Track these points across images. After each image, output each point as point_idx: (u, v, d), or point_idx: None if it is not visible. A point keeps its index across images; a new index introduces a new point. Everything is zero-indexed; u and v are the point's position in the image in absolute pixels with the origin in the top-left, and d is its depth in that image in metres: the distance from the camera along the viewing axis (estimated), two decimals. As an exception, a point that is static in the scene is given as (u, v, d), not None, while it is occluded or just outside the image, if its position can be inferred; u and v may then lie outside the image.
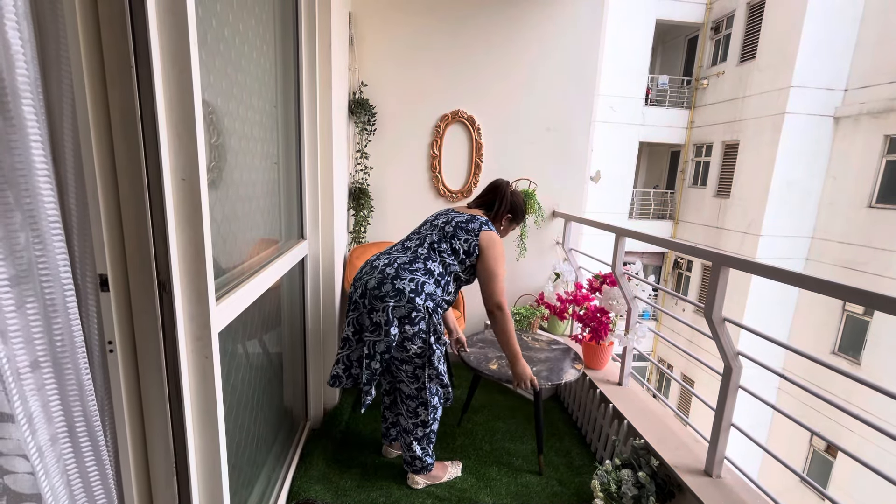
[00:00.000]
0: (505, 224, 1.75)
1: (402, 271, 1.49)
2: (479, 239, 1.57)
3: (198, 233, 0.81)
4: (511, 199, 1.71)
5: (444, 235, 1.59)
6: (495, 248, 1.58)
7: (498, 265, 1.57)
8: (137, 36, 0.68)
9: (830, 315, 7.32)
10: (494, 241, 1.58)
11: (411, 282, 1.47)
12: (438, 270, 1.55)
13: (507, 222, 1.75)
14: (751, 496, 1.40)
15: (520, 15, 2.56)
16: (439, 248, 1.58)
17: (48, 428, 0.57)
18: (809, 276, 1.15)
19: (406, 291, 1.45)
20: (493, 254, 1.57)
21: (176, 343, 0.79)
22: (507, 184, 1.73)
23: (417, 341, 1.49)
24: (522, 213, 1.77)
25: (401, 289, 1.45)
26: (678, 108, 9.97)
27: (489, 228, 1.60)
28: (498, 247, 1.59)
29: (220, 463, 0.93)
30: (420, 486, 1.70)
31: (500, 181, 1.74)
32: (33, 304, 0.55)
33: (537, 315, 2.56)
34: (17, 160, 0.52)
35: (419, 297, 1.46)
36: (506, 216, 1.72)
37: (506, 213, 1.71)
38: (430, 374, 1.55)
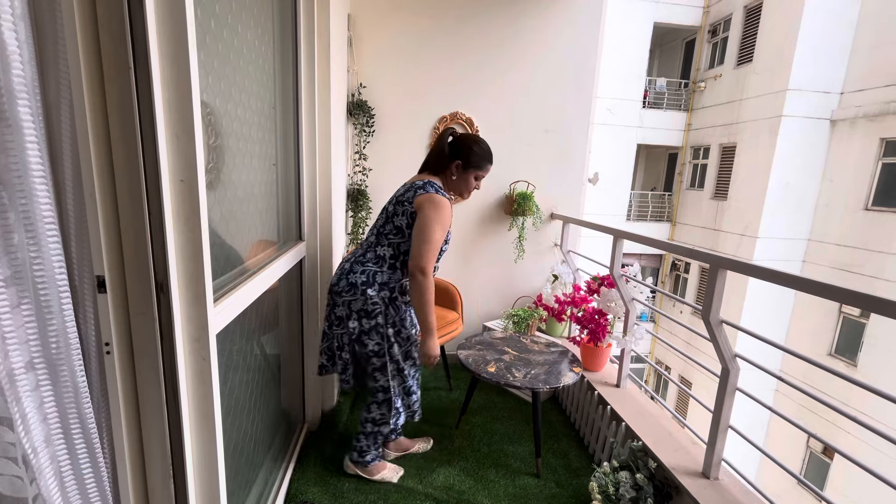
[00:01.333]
0: (458, 173, 1.54)
1: (356, 265, 1.50)
2: (414, 204, 1.45)
3: (196, 234, 0.80)
4: (454, 144, 1.53)
5: (388, 216, 1.52)
6: (429, 208, 1.43)
7: (429, 227, 1.41)
8: (136, 37, 0.68)
9: (827, 317, 7.35)
10: (431, 202, 1.43)
11: (362, 274, 1.47)
12: (389, 254, 1.49)
13: (458, 170, 1.54)
14: (748, 498, 1.40)
15: (518, 17, 2.57)
16: (384, 231, 1.52)
17: (42, 429, 0.57)
18: (806, 278, 1.15)
19: (358, 284, 1.45)
20: (427, 213, 1.42)
21: (173, 344, 0.79)
22: (447, 131, 1.56)
23: (375, 336, 1.48)
24: (476, 153, 1.53)
25: (353, 282, 1.46)
26: (676, 110, 10.02)
27: (426, 191, 1.46)
28: (433, 207, 1.42)
29: (218, 465, 0.92)
30: (351, 472, 1.70)
31: (442, 131, 1.57)
32: (28, 305, 0.55)
33: (535, 317, 2.56)
34: (12, 161, 0.52)
35: (371, 287, 1.44)
36: (454, 164, 1.53)
37: (452, 160, 1.53)
38: (392, 372, 1.52)
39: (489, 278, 2.84)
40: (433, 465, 1.84)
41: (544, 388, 1.70)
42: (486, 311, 2.86)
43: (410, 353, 1.58)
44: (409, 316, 1.57)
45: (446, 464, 1.85)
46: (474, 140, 1.55)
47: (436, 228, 1.41)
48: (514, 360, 1.90)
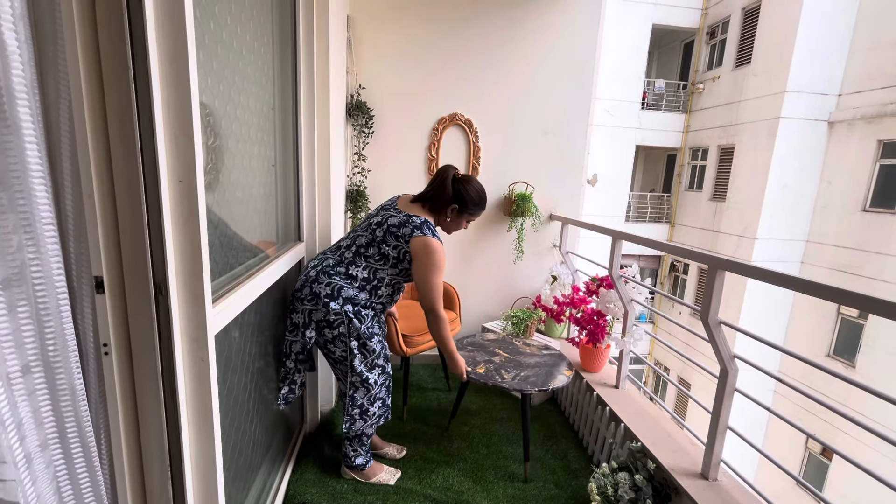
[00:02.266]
0: (452, 216, 1.59)
1: (322, 275, 1.47)
2: (410, 246, 1.47)
3: (194, 235, 0.80)
4: (455, 186, 1.55)
5: (374, 240, 1.50)
6: (428, 256, 1.46)
7: (430, 274, 1.47)
8: (135, 38, 0.68)
9: (825, 318, 7.37)
10: (427, 248, 1.46)
11: (328, 286, 1.45)
12: (362, 276, 1.49)
13: (453, 214, 1.59)
14: (747, 499, 1.40)
15: (517, 18, 2.57)
16: (366, 254, 1.50)
17: (38, 433, 0.57)
18: (804, 279, 1.15)
19: (321, 296, 1.44)
20: (424, 262, 1.46)
21: (172, 346, 0.79)
22: (450, 170, 1.56)
23: (340, 345, 1.49)
24: (474, 201, 1.58)
25: (317, 293, 1.45)
26: (674, 111, 10.04)
27: (423, 233, 1.47)
28: (431, 255, 1.46)
29: (216, 467, 0.92)
30: (347, 476, 1.71)
31: (444, 168, 1.57)
32: (25, 308, 0.54)
33: (534, 318, 2.56)
34: (11, 162, 0.52)
35: (334, 301, 1.44)
36: (450, 207, 1.56)
37: (449, 203, 1.55)
38: (354, 381, 1.52)
39: (488, 279, 2.84)
40: (432, 466, 1.83)
41: (533, 390, 1.68)
42: (485, 312, 2.86)
43: (376, 364, 1.55)
44: (378, 326, 1.54)
45: (445, 465, 1.85)
46: (473, 186, 1.59)
47: (436, 275, 1.49)
48: (505, 362, 1.88)
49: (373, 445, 1.86)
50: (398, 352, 2.02)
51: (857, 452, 5.95)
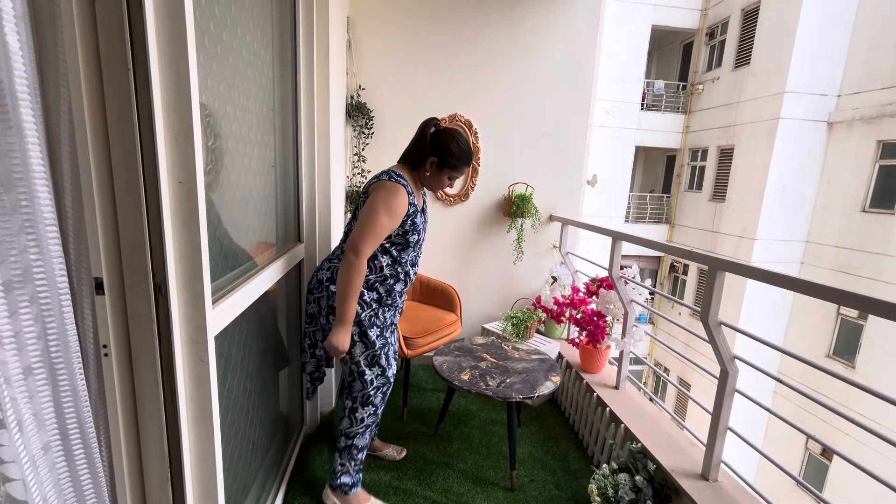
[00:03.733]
0: (431, 170, 1.45)
1: (325, 262, 1.50)
2: (370, 189, 1.38)
3: (194, 236, 0.80)
4: (434, 138, 1.42)
5: (356, 208, 1.46)
6: (379, 190, 1.34)
7: (373, 209, 1.32)
8: (135, 39, 0.68)
9: (825, 319, 7.37)
10: (381, 186, 1.35)
11: (328, 270, 1.45)
12: None
13: (433, 167, 1.44)
14: (747, 500, 1.40)
15: (517, 19, 2.58)
16: (350, 227, 1.46)
17: (41, 435, 0.57)
18: (804, 280, 1.16)
19: (323, 280, 1.44)
20: (373, 197, 1.34)
21: (171, 347, 0.79)
22: (430, 122, 1.44)
23: None
24: (454, 154, 1.41)
25: (320, 279, 1.45)
26: (674, 112, 10.05)
27: (385, 178, 1.38)
28: (382, 190, 1.34)
29: (216, 468, 0.92)
30: (328, 502, 1.55)
31: (425, 120, 1.46)
32: (27, 309, 0.54)
33: (534, 318, 2.56)
34: (15, 163, 0.52)
35: (334, 284, 1.41)
36: (429, 160, 1.43)
37: (426, 155, 1.42)
38: (353, 370, 1.46)
39: (488, 280, 2.84)
40: (432, 468, 1.83)
41: (517, 398, 1.62)
42: (485, 313, 2.86)
43: (376, 361, 1.47)
44: (382, 316, 1.47)
45: (445, 466, 1.85)
46: (454, 138, 1.43)
47: (380, 212, 1.32)
48: (491, 368, 1.83)
49: (372, 447, 1.85)
50: (399, 353, 2.02)
51: (857, 453, 5.95)
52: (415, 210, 1.42)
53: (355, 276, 1.32)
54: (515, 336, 2.52)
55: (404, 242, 1.44)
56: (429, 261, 2.73)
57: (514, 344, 2.13)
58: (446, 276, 2.74)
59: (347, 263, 1.32)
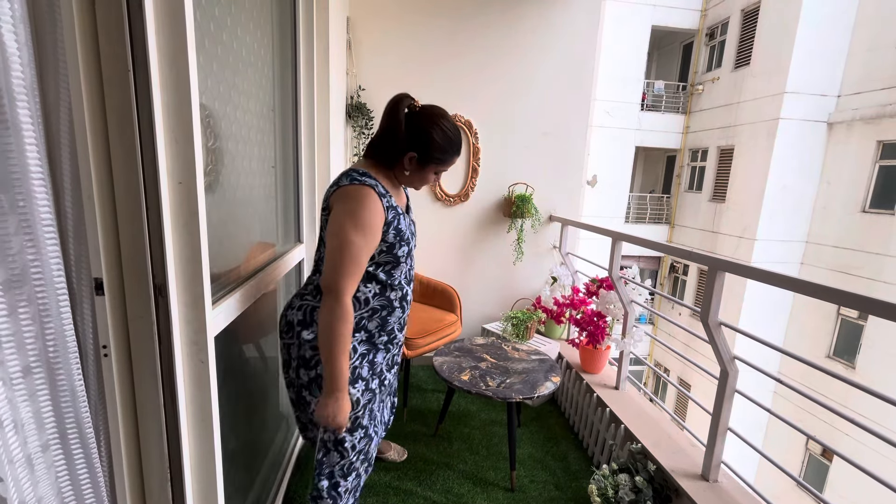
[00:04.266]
0: (411, 167, 1.10)
1: (296, 298, 1.15)
2: (330, 202, 1.06)
3: (194, 236, 0.80)
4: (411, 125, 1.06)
5: (320, 229, 1.13)
6: (346, 202, 1.01)
7: (342, 231, 0.99)
8: (135, 40, 0.68)
9: (825, 319, 7.37)
10: (347, 195, 1.02)
11: (300, 310, 1.10)
12: None
13: (412, 164, 1.09)
14: (747, 500, 1.40)
15: (517, 20, 2.58)
16: (319, 254, 1.15)
17: (40, 435, 0.57)
18: (804, 280, 1.16)
19: (294, 324, 1.10)
20: (339, 210, 1.01)
21: (171, 347, 0.79)
22: (401, 102, 1.06)
23: (316, 391, 1.11)
24: (439, 145, 1.08)
25: (290, 321, 1.11)
26: (674, 113, 10.06)
27: (346, 182, 1.03)
28: (347, 200, 1.01)
29: (216, 469, 0.92)
30: None
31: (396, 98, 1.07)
32: (26, 309, 0.54)
33: (534, 319, 2.56)
34: (11, 164, 0.52)
35: (307, 329, 1.09)
36: (407, 156, 1.07)
37: (403, 149, 1.07)
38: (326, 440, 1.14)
39: (488, 280, 2.84)
40: (432, 468, 1.83)
41: (517, 399, 1.62)
42: (485, 314, 2.86)
43: (359, 424, 1.15)
44: (367, 365, 1.13)
45: (445, 466, 1.85)
46: (437, 122, 1.08)
47: (349, 232, 0.99)
48: (491, 368, 1.83)
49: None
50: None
51: (858, 454, 5.94)
52: (396, 214, 1.07)
53: (341, 325, 0.98)
54: (515, 336, 2.51)
55: (392, 260, 1.10)
56: (429, 261, 2.73)
57: (514, 344, 2.13)
58: (446, 277, 2.74)
59: (327, 310, 0.99)
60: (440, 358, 1.91)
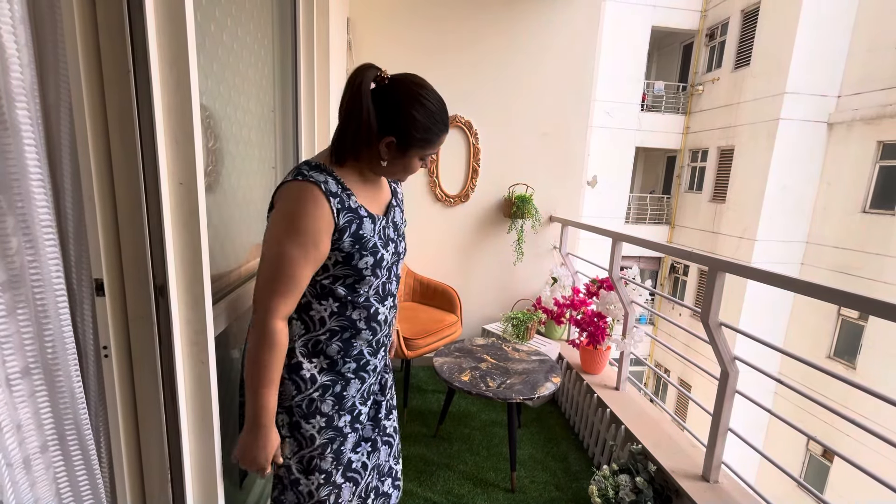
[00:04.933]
0: (389, 154, 0.87)
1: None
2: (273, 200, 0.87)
3: (195, 237, 0.80)
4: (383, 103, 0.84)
5: None
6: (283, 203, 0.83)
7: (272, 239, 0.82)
8: (136, 41, 0.68)
9: (826, 320, 7.36)
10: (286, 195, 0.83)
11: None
12: None
13: (392, 151, 0.87)
14: (748, 501, 1.40)
15: (517, 20, 2.58)
16: None
17: (38, 436, 0.57)
18: (804, 280, 1.15)
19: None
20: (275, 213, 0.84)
21: (172, 348, 0.79)
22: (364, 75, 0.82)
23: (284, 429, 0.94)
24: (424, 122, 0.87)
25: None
26: (674, 113, 10.06)
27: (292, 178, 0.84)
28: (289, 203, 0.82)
29: (216, 469, 0.92)
30: None
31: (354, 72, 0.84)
32: (24, 310, 0.54)
33: (534, 319, 2.56)
34: (10, 164, 0.52)
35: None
36: (384, 142, 0.85)
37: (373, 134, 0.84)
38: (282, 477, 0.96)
39: (488, 281, 2.84)
40: (432, 469, 1.83)
41: (517, 399, 1.62)
42: (486, 314, 2.86)
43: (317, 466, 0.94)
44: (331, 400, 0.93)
45: (445, 467, 1.84)
46: (415, 95, 0.87)
47: (282, 240, 0.81)
48: (491, 369, 1.83)
49: None
50: (399, 354, 2.02)
51: (859, 454, 5.94)
52: (353, 218, 0.86)
53: (263, 352, 0.83)
54: (516, 337, 2.51)
55: (353, 272, 0.88)
56: (429, 261, 2.73)
57: (514, 345, 2.13)
58: (446, 277, 2.74)
59: (252, 333, 0.84)
60: (440, 358, 1.91)
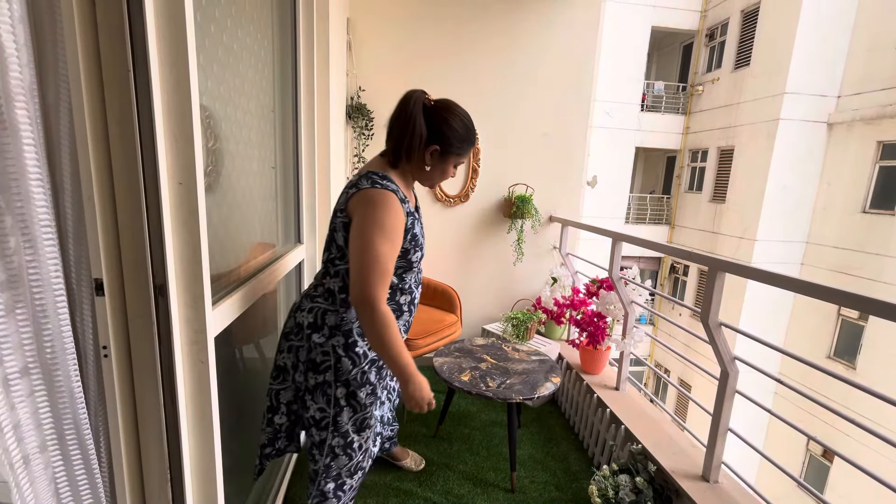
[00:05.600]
0: (433, 161, 1.11)
1: (305, 299, 1.14)
2: (348, 209, 1.04)
3: (194, 237, 0.80)
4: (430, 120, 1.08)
5: (332, 230, 1.11)
6: (365, 207, 1.00)
7: (366, 236, 0.99)
8: (135, 41, 0.68)
9: (826, 320, 7.36)
10: (365, 201, 1.01)
11: (310, 313, 1.11)
12: (338, 286, 1.10)
13: (434, 158, 1.10)
14: (748, 501, 1.40)
15: (517, 21, 2.58)
16: (329, 256, 1.12)
17: (37, 435, 0.57)
18: (804, 280, 1.15)
19: (304, 326, 1.11)
20: (359, 215, 1.01)
21: (171, 348, 0.78)
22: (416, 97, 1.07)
23: (320, 398, 1.11)
24: (459, 135, 1.10)
25: (300, 323, 1.12)
26: (674, 113, 10.06)
27: (359, 188, 1.03)
28: (368, 206, 1.00)
29: (216, 469, 0.92)
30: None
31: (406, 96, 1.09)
32: (23, 310, 0.54)
33: (534, 319, 2.56)
34: (9, 164, 0.52)
35: (318, 332, 1.09)
36: (430, 150, 1.09)
37: (423, 143, 1.08)
38: (334, 446, 1.14)
39: (488, 281, 2.84)
40: (432, 469, 1.83)
41: (517, 399, 1.62)
42: (486, 314, 2.86)
43: (366, 423, 1.17)
44: (375, 370, 1.15)
45: (445, 467, 1.84)
46: (453, 111, 1.11)
47: (377, 240, 0.98)
48: (491, 369, 1.83)
49: (393, 455, 1.81)
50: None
51: (859, 454, 5.93)
52: (413, 220, 1.09)
53: (387, 331, 1.00)
54: (515, 337, 2.51)
55: (406, 264, 1.12)
56: (429, 261, 2.73)
57: (514, 345, 2.13)
58: (446, 277, 2.74)
59: (367, 321, 1.00)
60: (440, 359, 1.91)
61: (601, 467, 1.68)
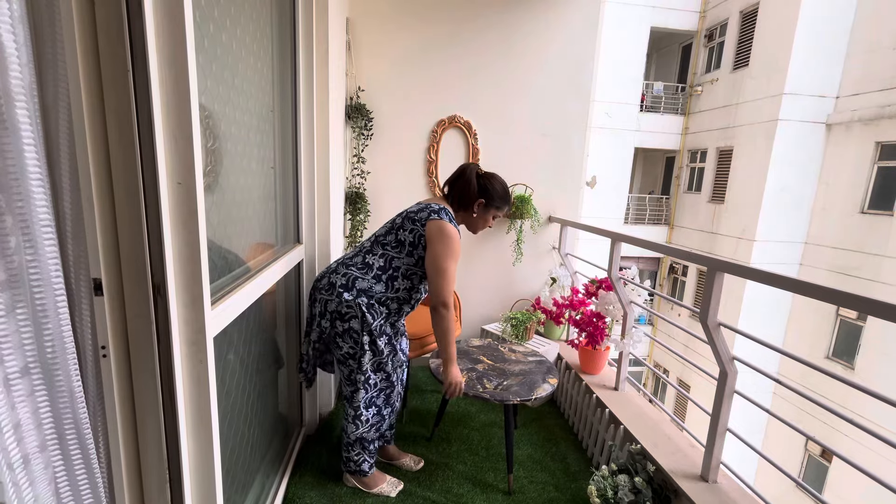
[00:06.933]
0: (479, 211, 1.59)
1: (341, 266, 1.50)
2: (426, 228, 1.46)
3: (193, 237, 0.80)
4: (480, 182, 1.56)
5: (392, 227, 1.52)
6: (443, 239, 1.44)
7: (444, 259, 1.43)
8: (135, 40, 0.68)
9: (824, 320, 7.37)
10: (443, 232, 1.44)
11: (343, 276, 1.46)
12: (378, 265, 1.48)
13: (480, 209, 1.58)
14: (747, 501, 1.40)
15: (516, 21, 2.58)
16: (383, 241, 1.51)
17: (37, 435, 0.57)
18: (803, 281, 1.16)
19: (336, 286, 1.45)
20: (438, 247, 1.44)
21: (170, 347, 0.78)
22: (472, 167, 1.59)
23: (348, 340, 1.47)
24: (499, 194, 1.58)
25: (333, 282, 1.47)
26: (673, 114, 10.07)
27: (440, 217, 1.47)
28: (446, 239, 1.44)
29: (214, 469, 0.92)
30: (349, 484, 1.68)
31: (465, 165, 1.60)
32: (23, 309, 0.54)
33: (533, 320, 2.56)
34: (9, 164, 0.52)
35: (348, 292, 1.44)
36: (477, 202, 1.57)
37: (475, 198, 1.56)
38: (357, 381, 1.50)
39: (487, 281, 2.84)
40: (432, 469, 1.83)
41: (514, 401, 1.61)
42: (485, 314, 2.86)
43: (382, 367, 1.53)
44: (391, 327, 1.53)
45: (445, 467, 1.84)
46: (497, 179, 1.59)
47: (449, 262, 1.44)
48: (488, 370, 1.82)
49: (389, 455, 1.84)
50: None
51: (857, 454, 5.94)
52: None
53: (452, 325, 1.49)
54: (515, 337, 2.51)
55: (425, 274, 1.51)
56: (428, 262, 2.72)
57: (510, 346, 2.12)
58: (446, 278, 2.73)
59: (440, 318, 1.46)
60: (437, 360, 1.90)
61: (600, 467, 1.68)
